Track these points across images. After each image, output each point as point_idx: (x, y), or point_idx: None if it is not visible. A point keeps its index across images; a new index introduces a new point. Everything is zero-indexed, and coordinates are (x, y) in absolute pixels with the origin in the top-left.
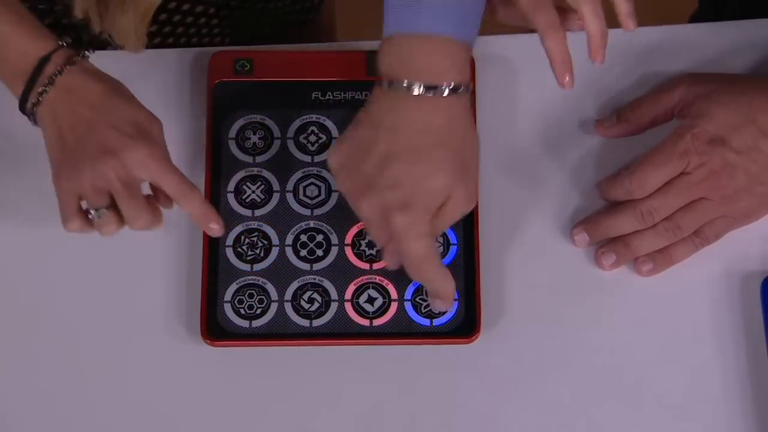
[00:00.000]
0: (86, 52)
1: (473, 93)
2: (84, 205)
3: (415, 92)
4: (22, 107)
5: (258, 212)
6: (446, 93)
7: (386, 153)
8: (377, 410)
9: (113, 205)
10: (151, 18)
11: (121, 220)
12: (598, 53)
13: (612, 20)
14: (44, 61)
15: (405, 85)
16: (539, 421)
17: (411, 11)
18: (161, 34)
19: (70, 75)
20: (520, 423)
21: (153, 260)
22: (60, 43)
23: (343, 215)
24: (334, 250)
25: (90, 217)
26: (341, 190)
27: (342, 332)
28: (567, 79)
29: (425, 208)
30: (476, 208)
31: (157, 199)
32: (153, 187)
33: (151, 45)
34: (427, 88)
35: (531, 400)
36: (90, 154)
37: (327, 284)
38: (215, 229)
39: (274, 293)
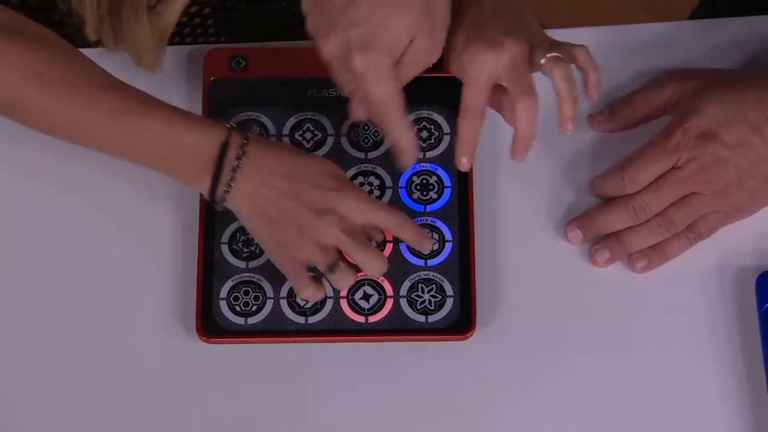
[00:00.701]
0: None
1: None
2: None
3: None
4: (212, 197)
5: None
6: None
7: None
8: (372, 407)
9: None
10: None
11: (354, 271)
12: (519, 153)
13: (613, 14)
14: (225, 146)
15: None
16: (534, 418)
17: None
18: None
19: (253, 154)
20: (515, 419)
21: (149, 258)
22: (227, 125)
23: None
24: None
25: (327, 278)
26: (309, 30)
27: (337, 329)
28: (464, 161)
29: (386, 49)
30: (471, 205)
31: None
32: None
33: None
34: None
35: (526, 396)
36: (306, 220)
37: (323, 281)
38: (428, 244)
39: (269, 290)
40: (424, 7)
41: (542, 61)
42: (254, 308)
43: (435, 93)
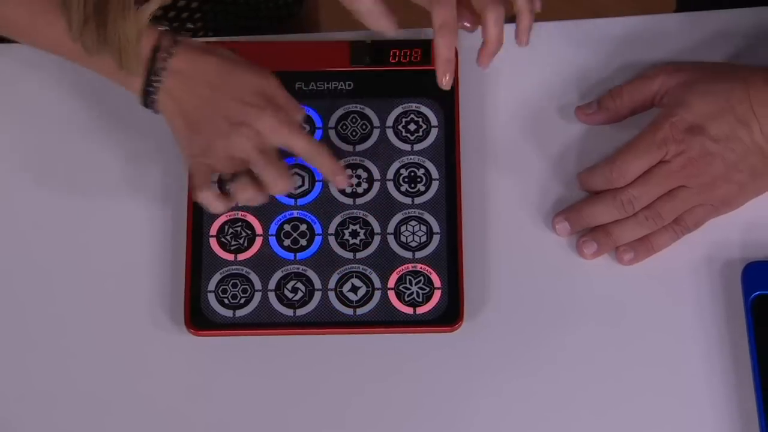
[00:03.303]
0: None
1: (456, 81)
2: (217, 178)
3: None
4: (144, 100)
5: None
6: None
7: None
8: (361, 399)
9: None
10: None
11: (257, 186)
12: (487, 59)
13: (590, 10)
14: (156, 50)
15: None
16: (522, 409)
17: None
18: None
19: (180, 56)
20: (502, 411)
21: (137, 251)
22: (160, 28)
23: (327, 205)
24: (318, 240)
25: (226, 189)
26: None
27: (325, 321)
28: (447, 78)
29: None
30: (459, 196)
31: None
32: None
33: None
34: None
35: (513, 388)
36: (221, 130)
37: (311, 273)
38: (343, 182)
39: (257, 283)
40: None
41: None
42: (242, 301)
43: (423, 86)
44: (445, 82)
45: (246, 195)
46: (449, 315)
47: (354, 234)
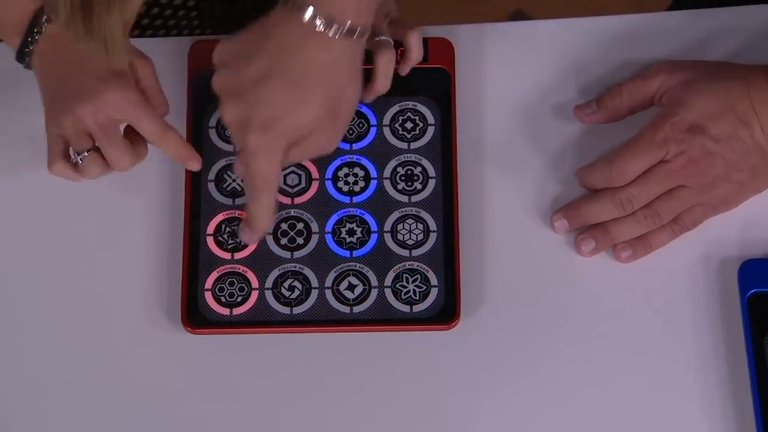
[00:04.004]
0: None
1: (453, 79)
2: (71, 151)
3: (314, 21)
4: (20, 58)
5: (239, 200)
6: (342, 31)
7: (266, 70)
8: (357, 397)
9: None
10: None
11: (105, 164)
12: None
13: (591, 9)
14: (39, 13)
15: (306, 11)
16: (518, 407)
17: None
18: (140, 26)
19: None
20: (499, 409)
21: (134, 248)
22: None
23: (323, 203)
24: (315, 238)
25: (73, 161)
26: (215, 85)
27: (322, 319)
28: (403, 67)
29: (284, 134)
30: (456, 194)
31: (135, 142)
32: (132, 130)
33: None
34: (326, 22)
35: (510, 386)
36: (69, 98)
37: (307, 272)
38: (194, 165)
39: (254, 281)
40: (332, 105)
41: (375, 39)
42: (239, 299)
43: (420, 84)
44: (402, 69)
45: (93, 170)
46: (446, 313)
47: (351, 232)
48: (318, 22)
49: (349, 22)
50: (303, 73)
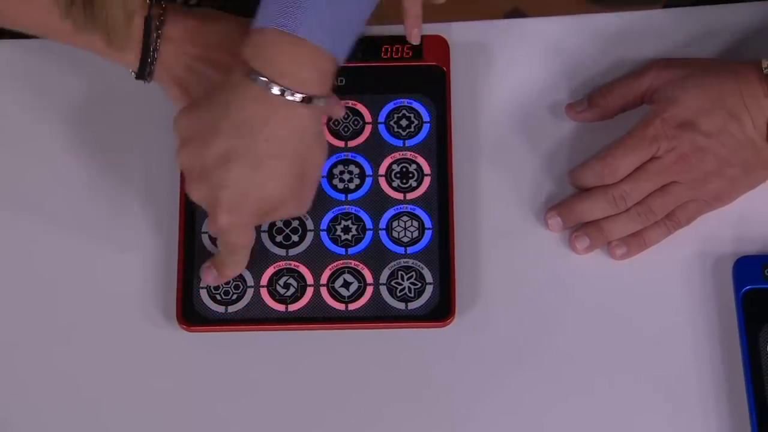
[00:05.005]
0: None
1: (448, 76)
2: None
3: (274, 92)
4: (141, 72)
5: None
6: (303, 102)
7: (228, 151)
8: (352, 394)
9: None
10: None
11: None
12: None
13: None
14: (149, 20)
15: (268, 85)
16: (514, 404)
17: (293, 11)
18: None
19: (170, 23)
20: (494, 406)
21: (129, 246)
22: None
23: (318, 201)
24: (310, 236)
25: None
26: (180, 162)
27: (318, 317)
28: (416, 32)
29: (253, 212)
30: (451, 192)
31: None
32: None
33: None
34: (288, 94)
35: (505, 383)
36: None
37: (302, 269)
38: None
39: (249, 279)
40: (298, 175)
41: None
42: (234, 296)
43: (415, 81)
44: (414, 35)
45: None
46: (441, 310)
47: (346, 230)
48: (277, 92)
49: (310, 93)
50: (266, 149)
